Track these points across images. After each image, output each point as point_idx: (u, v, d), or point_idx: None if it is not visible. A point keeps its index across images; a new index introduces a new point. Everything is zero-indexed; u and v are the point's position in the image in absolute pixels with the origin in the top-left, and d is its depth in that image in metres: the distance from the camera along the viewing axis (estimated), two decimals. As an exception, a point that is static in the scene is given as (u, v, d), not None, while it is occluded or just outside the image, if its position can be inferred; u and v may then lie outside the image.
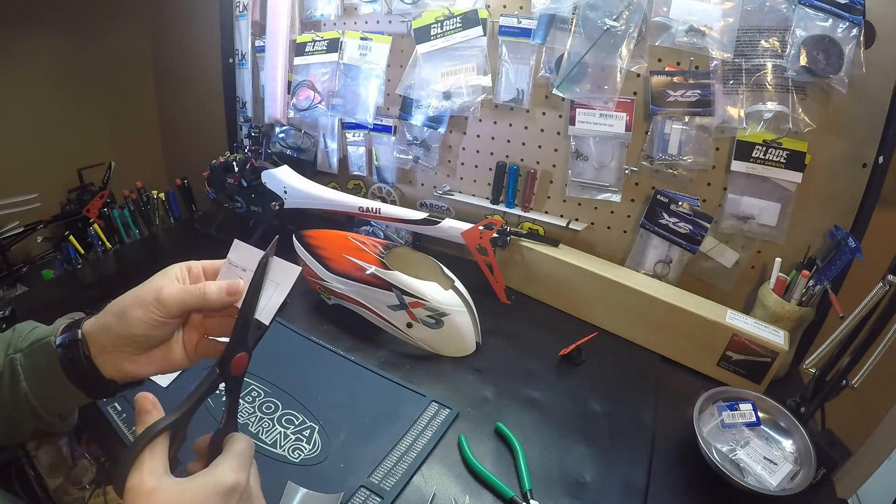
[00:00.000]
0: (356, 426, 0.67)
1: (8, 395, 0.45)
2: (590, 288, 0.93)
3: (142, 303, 0.44)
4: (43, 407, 0.46)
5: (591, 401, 0.77)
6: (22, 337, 0.47)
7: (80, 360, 0.44)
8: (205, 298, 0.45)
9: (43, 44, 1.25)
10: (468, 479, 0.63)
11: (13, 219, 1.18)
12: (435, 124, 1.08)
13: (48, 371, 0.45)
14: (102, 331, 0.45)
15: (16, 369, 0.45)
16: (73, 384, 0.45)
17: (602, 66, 0.90)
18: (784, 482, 0.63)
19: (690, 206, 0.92)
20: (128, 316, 0.44)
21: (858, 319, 0.66)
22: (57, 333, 0.46)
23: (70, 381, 0.45)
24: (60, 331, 0.46)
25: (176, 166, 1.66)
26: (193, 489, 0.37)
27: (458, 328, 0.83)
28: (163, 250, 1.19)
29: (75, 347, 0.45)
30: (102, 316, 0.46)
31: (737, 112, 0.85)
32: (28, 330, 0.48)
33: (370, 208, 1.02)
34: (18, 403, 0.45)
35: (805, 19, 0.77)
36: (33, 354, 0.46)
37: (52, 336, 0.46)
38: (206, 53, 1.38)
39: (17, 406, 0.45)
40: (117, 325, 0.45)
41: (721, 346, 0.82)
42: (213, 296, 0.45)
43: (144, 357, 0.46)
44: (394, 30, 1.08)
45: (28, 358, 0.46)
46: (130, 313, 0.44)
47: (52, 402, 0.46)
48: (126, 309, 0.44)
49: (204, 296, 0.45)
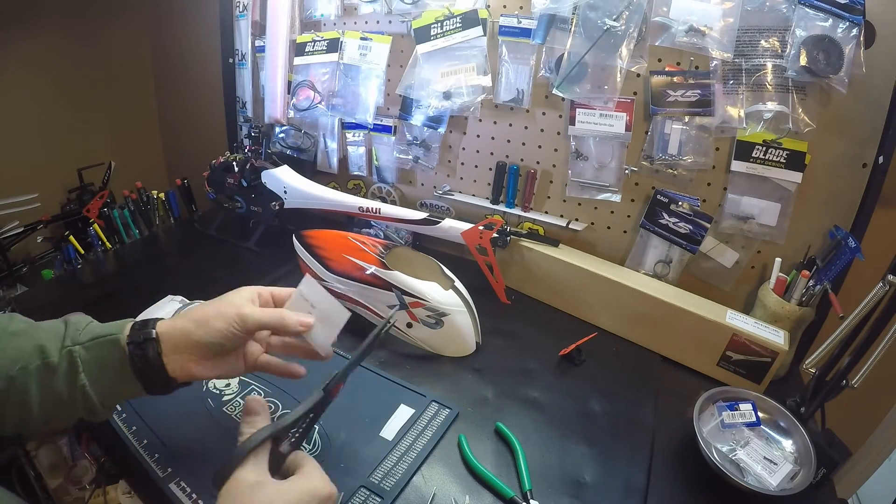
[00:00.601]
0: (356, 426, 0.67)
1: (63, 387, 0.47)
2: (590, 288, 0.93)
3: (224, 316, 0.50)
4: (100, 399, 0.48)
5: (591, 401, 0.77)
6: (79, 330, 0.50)
7: (151, 358, 0.48)
8: (283, 324, 0.52)
9: (43, 44, 1.25)
10: (468, 479, 0.63)
11: (13, 219, 1.18)
12: (435, 124, 1.08)
13: (112, 366, 0.48)
14: (179, 334, 0.50)
15: (74, 362, 0.48)
16: (138, 380, 0.49)
17: (602, 66, 0.90)
18: (784, 482, 0.63)
19: (690, 206, 0.92)
20: (209, 325, 0.49)
21: (858, 319, 0.66)
22: (126, 332, 0.49)
23: (136, 376, 0.49)
24: (130, 329, 0.50)
25: (176, 166, 1.66)
26: (293, 490, 0.43)
27: (458, 328, 0.83)
28: (163, 250, 1.19)
29: (149, 346, 0.49)
30: (181, 320, 0.51)
31: (737, 112, 0.85)
32: (85, 324, 0.51)
33: (370, 208, 1.02)
34: (73, 394, 0.47)
35: (805, 19, 0.77)
36: (96, 349, 0.49)
37: (120, 333, 0.49)
38: (206, 53, 1.38)
39: (72, 397, 0.47)
40: (198, 332, 0.49)
41: (721, 346, 0.82)
42: (291, 324, 0.52)
43: (210, 362, 0.51)
44: (394, 30, 1.08)
45: (89, 351, 0.48)
46: (212, 324, 0.49)
47: (109, 394, 0.50)
48: (208, 319, 0.50)
49: (283, 321, 0.52)
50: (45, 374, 0.47)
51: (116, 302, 0.93)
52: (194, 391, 0.70)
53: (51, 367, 0.47)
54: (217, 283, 0.96)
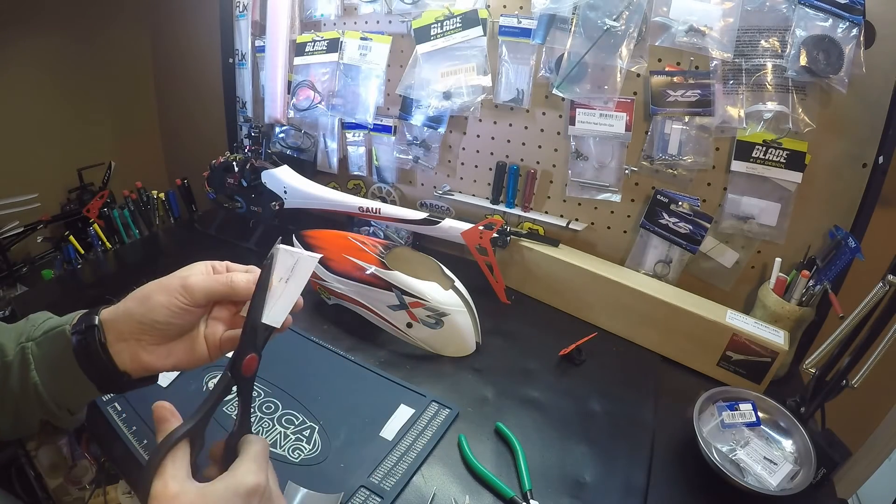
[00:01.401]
0: (356, 426, 0.67)
1: (17, 386, 0.44)
2: (590, 288, 0.93)
3: (166, 289, 0.44)
4: (53, 399, 0.45)
5: (591, 401, 0.77)
6: (36, 326, 0.47)
7: (95, 347, 0.44)
8: (232, 287, 0.46)
9: (43, 44, 1.25)
10: (468, 479, 0.63)
11: (13, 219, 1.18)
12: (435, 124, 1.08)
13: (61, 360, 0.44)
14: (122, 317, 0.45)
15: (27, 358, 0.45)
16: (85, 375, 0.44)
17: (602, 66, 0.90)
18: (784, 482, 0.63)
19: (690, 206, 0.92)
20: (151, 301, 0.44)
21: (858, 319, 0.66)
22: (73, 322, 0.45)
23: (83, 370, 0.44)
24: (77, 318, 0.45)
25: (176, 166, 1.66)
26: (215, 492, 0.38)
27: (458, 328, 0.83)
28: (163, 250, 1.19)
29: (91, 333, 0.44)
30: (123, 302, 0.45)
31: (737, 112, 0.85)
32: (42, 319, 0.48)
33: (370, 208, 1.02)
34: (27, 395, 0.45)
35: (805, 19, 0.77)
36: (46, 343, 0.45)
37: (67, 324, 0.45)
38: (206, 53, 1.38)
39: (26, 397, 0.45)
40: (139, 311, 0.44)
41: (721, 346, 0.82)
42: (241, 285, 0.46)
43: (164, 348, 0.46)
44: (394, 30, 1.08)
45: (41, 347, 0.45)
46: (154, 298, 0.44)
47: (62, 394, 0.46)
48: (150, 294, 0.44)
49: (231, 284, 0.46)
50: (2, 374, 0.44)
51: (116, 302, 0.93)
52: (194, 391, 0.70)
53: (6, 366, 0.44)
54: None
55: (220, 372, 0.73)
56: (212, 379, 0.72)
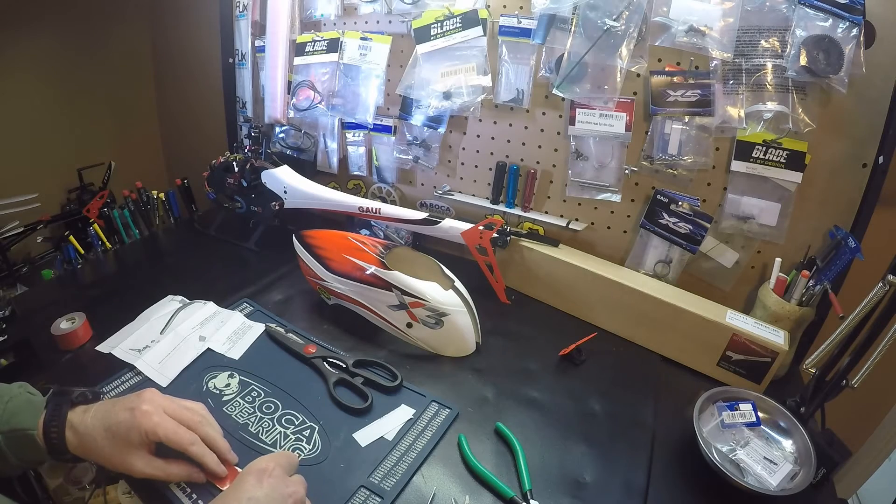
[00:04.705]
0: (356, 426, 0.67)
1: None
2: (590, 288, 0.93)
3: (134, 445, 0.53)
4: (17, 461, 0.53)
5: (591, 401, 0.77)
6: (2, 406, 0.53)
7: (63, 448, 0.53)
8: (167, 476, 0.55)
9: (43, 44, 1.25)
10: (468, 479, 0.63)
11: (13, 219, 1.19)
12: (435, 124, 1.08)
13: (29, 452, 0.53)
14: (89, 438, 0.53)
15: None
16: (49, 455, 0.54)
17: (602, 66, 0.90)
18: (784, 482, 0.63)
19: (690, 206, 0.92)
20: (113, 460, 0.53)
21: (858, 319, 0.66)
22: (39, 431, 0.53)
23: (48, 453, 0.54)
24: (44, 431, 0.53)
25: (176, 166, 1.67)
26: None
27: (458, 328, 0.83)
28: (163, 250, 1.19)
29: (61, 442, 0.53)
30: (96, 429, 0.53)
31: (737, 112, 0.85)
32: (6, 400, 0.54)
33: (370, 208, 1.02)
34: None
35: (805, 19, 0.77)
36: (16, 441, 0.53)
37: (35, 430, 0.53)
38: (206, 53, 1.38)
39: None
40: (107, 449, 0.53)
41: (721, 346, 0.82)
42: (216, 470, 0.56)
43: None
44: (394, 30, 1.08)
45: (9, 440, 0.52)
46: (124, 448, 0.53)
47: (26, 462, 0.55)
48: (122, 441, 0.53)
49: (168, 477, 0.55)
50: None
51: (116, 302, 0.93)
52: (194, 391, 0.70)
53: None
54: (217, 283, 0.97)
55: (220, 371, 0.73)
56: (212, 379, 0.72)
